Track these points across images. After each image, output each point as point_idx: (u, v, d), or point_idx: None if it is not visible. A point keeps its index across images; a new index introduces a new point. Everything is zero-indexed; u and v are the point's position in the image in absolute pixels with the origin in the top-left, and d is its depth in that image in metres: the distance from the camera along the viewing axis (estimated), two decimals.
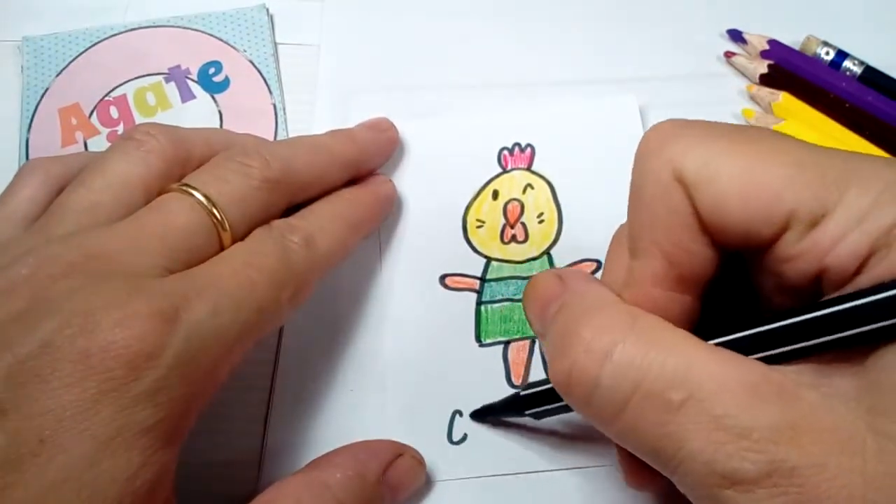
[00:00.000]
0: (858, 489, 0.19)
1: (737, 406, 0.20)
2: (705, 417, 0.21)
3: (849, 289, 0.21)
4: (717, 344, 0.23)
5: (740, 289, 0.25)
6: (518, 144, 0.39)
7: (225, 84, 0.42)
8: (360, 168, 0.36)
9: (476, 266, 0.36)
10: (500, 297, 0.35)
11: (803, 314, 0.22)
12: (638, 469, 0.26)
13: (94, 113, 0.41)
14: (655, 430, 0.21)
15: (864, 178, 0.21)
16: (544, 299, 0.25)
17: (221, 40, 0.43)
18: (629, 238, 0.25)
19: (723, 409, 0.20)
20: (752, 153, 0.22)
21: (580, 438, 0.32)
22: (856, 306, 0.21)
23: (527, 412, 0.30)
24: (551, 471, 0.32)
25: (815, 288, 0.22)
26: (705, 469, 0.20)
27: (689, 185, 0.22)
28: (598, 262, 0.36)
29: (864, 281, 0.21)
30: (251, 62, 0.42)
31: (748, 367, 0.21)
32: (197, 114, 0.41)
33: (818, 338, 0.21)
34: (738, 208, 0.22)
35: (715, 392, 0.21)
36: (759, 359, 0.22)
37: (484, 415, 0.33)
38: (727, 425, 0.20)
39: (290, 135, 0.41)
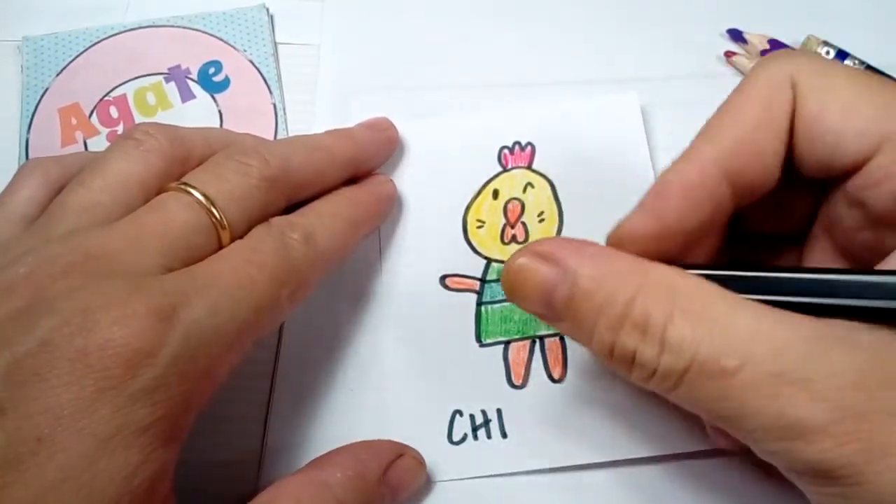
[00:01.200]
0: None
1: (796, 360, 0.21)
2: (765, 376, 0.21)
3: None
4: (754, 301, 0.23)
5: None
6: (518, 143, 0.39)
7: (225, 84, 0.42)
8: (360, 167, 0.36)
9: (476, 267, 0.36)
10: (500, 297, 0.35)
11: (871, 275, 0.22)
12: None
13: (94, 113, 0.41)
14: (714, 396, 0.22)
15: None
16: (543, 290, 0.25)
17: (221, 40, 0.43)
18: (707, 124, 0.26)
19: (782, 364, 0.21)
20: (863, 82, 0.24)
21: (580, 439, 0.32)
22: None
23: None
24: (551, 471, 0.32)
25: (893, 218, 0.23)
26: (772, 424, 0.21)
27: (799, 91, 0.24)
28: None
29: None
30: (251, 62, 0.42)
31: (800, 323, 0.22)
32: (197, 114, 0.41)
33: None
34: (838, 122, 0.23)
35: (769, 352, 0.21)
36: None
37: None
38: (789, 379, 0.21)
39: (290, 135, 0.41)
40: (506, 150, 0.39)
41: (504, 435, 0.32)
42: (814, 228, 0.28)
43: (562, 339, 0.34)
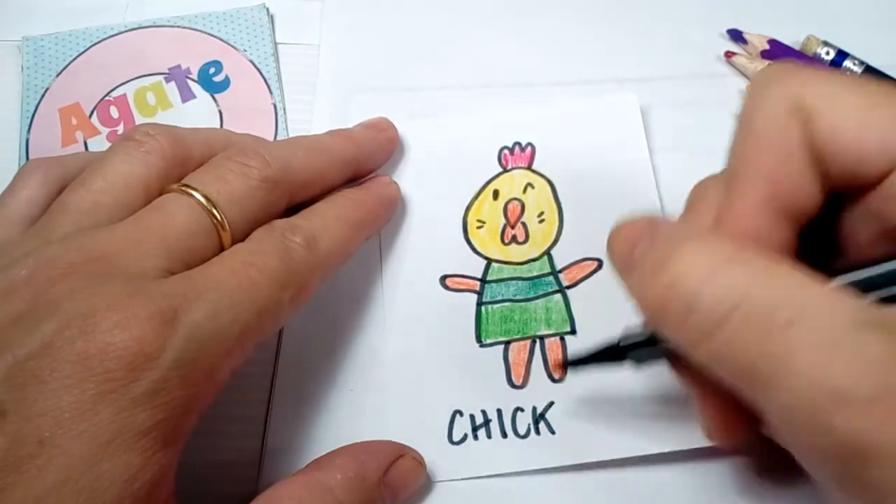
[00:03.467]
0: None
1: (854, 328, 0.20)
2: (818, 338, 0.20)
3: None
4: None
5: (825, 240, 0.25)
6: (518, 143, 0.39)
7: (225, 84, 0.42)
8: (360, 168, 0.36)
9: (476, 267, 0.36)
10: (500, 297, 0.35)
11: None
12: (722, 419, 0.26)
13: (95, 113, 0.41)
14: (758, 347, 0.21)
15: None
16: (630, 239, 0.25)
17: (221, 40, 0.43)
18: (729, 172, 0.25)
19: (838, 329, 0.20)
20: (871, 92, 0.23)
21: (580, 438, 0.32)
22: None
23: (628, 356, 0.28)
24: (551, 471, 0.32)
25: None
26: (811, 391, 0.20)
27: (809, 113, 0.23)
28: (599, 260, 0.36)
29: None
30: (251, 62, 0.42)
31: (856, 301, 0.21)
32: (197, 114, 0.41)
33: None
34: (854, 138, 0.22)
35: (827, 317, 0.20)
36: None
37: (581, 364, 0.30)
38: (842, 347, 0.20)
39: (290, 135, 0.41)
40: (506, 151, 0.39)
41: (504, 435, 0.32)
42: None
43: (562, 339, 0.34)
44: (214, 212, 0.28)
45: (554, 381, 0.33)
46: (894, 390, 0.19)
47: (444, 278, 0.36)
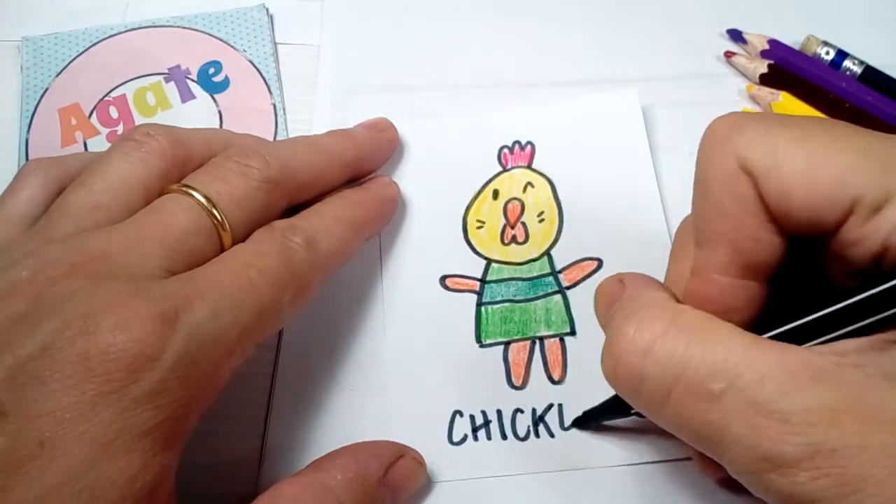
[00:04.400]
0: None
1: (776, 392, 0.21)
2: (745, 404, 0.21)
3: None
4: (770, 337, 0.23)
5: (810, 272, 0.26)
6: (518, 142, 0.39)
7: (225, 84, 0.42)
8: (360, 168, 0.36)
9: (476, 267, 0.36)
10: (500, 297, 0.35)
11: (845, 299, 0.22)
12: (706, 457, 0.27)
13: (94, 113, 0.41)
14: (699, 417, 0.22)
15: None
16: (608, 300, 0.26)
17: (221, 40, 0.43)
18: (694, 228, 0.26)
19: (762, 395, 0.21)
20: (817, 142, 0.23)
21: (580, 441, 0.32)
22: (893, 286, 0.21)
23: (632, 412, 0.29)
24: (551, 471, 0.32)
25: (879, 270, 0.23)
26: (748, 454, 0.21)
27: (755, 174, 0.23)
28: (599, 260, 0.36)
29: None
30: (251, 62, 0.42)
31: (788, 354, 0.22)
32: (197, 114, 0.41)
33: (860, 321, 0.22)
34: (804, 195, 0.23)
35: (754, 380, 0.21)
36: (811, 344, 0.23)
37: (587, 421, 0.32)
38: (767, 410, 0.21)
39: (290, 135, 0.41)
40: (506, 150, 0.39)
41: (504, 436, 0.32)
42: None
43: (562, 340, 0.34)
44: (215, 212, 0.28)
45: (554, 382, 0.33)
46: (821, 447, 0.20)
47: (443, 278, 0.36)
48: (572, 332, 0.34)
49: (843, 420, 0.20)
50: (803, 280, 0.26)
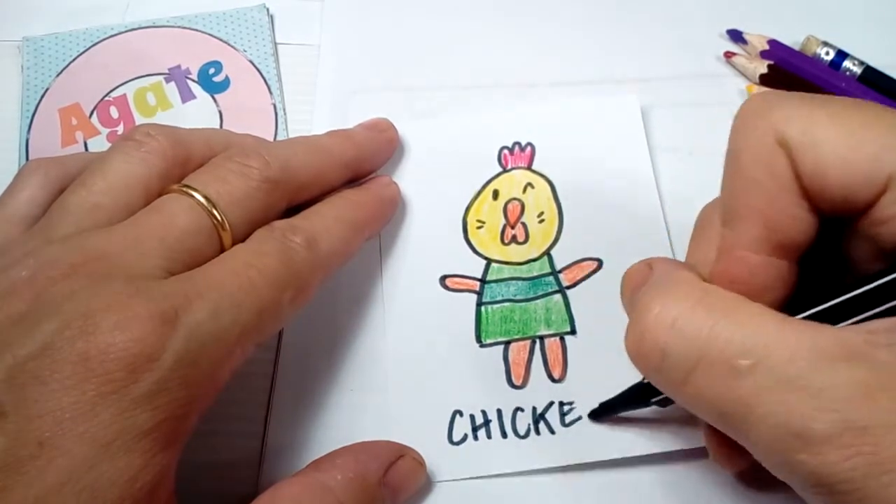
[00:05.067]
0: None
1: (807, 368, 0.21)
2: (775, 380, 0.21)
3: None
4: (802, 318, 0.23)
5: (834, 257, 0.25)
6: (518, 143, 0.39)
7: (225, 84, 0.42)
8: (360, 168, 0.36)
9: (476, 267, 0.36)
10: (500, 297, 0.35)
11: (877, 279, 0.22)
12: (724, 446, 0.27)
13: (95, 113, 0.41)
14: (723, 395, 0.22)
15: None
16: (634, 284, 0.26)
17: (221, 40, 0.43)
18: (723, 207, 0.25)
19: (793, 371, 0.21)
20: (854, 120, 0.23)
21: (580, 439, 0.32)
22: None
23: (653, 400, 0.29)
24: (552, 471, 0.32)
25: None
26: (776, 431, 0.21)
27: (792, 149, 0.23)
28: (599, 260, 0.36)
29: None
30: (251, 62, 0.42)
31: (820, 333, 0.22)
32: (197, 114, 0.41)
33: (891, 301, 0.22)
34: (839, 172, 0.23)
35: (785, 357, 0.21)
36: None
37: (604, 413, 0.32)
38: (798, 386, 0.21)
39: (290, 135, 0.41)
40: (506, 151, 0.39)
41: (504, 435, 0.32)
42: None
43: (562, 339, 0.34)
44: (215, 212, 0.28)
45: (554, 381, 0.33)
46: (851, 424, 0.20)
47: (443, 278, 0.36)
48: (572, 332, 0.34)
49: (876, 397, 0.20)
50: (825, 264, 0.26)
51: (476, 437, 0.33)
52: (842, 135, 0.23)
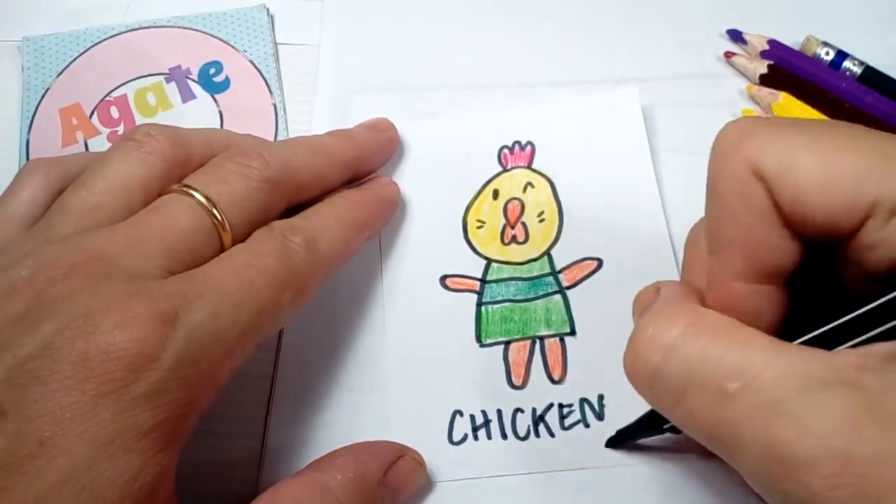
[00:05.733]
0: None
1: (794, 393, 0.21)
2: (762, 404, 0.21)
3: None
4: (798, 343, 0.23)
5: (828, 275, 0.25)
6: (518, 142, 0.39)
7: (225, 84, 0.42)
8: (360, 168, 0.36)
9: (476, 267, 0.36)
10: (500, 297, 0.35)
11: (867, 303, 0.22)
12: None
13: (95, 113, 0.41)
14: (713, 417, 0.22)
15: None
16: (642, 307, 0.27)
17: (222, 40, 0.43)
18: (707, 236, 0.25)
19: (778, 394, 0.21)
20: (831, 145, 0.23)
21: (580, 440, 0.32)
22: None
23: (665, 427, 0.29)
24: (551, 471, 0.32)
25: None
26: (762, 456, 0.21)
27: (769, 180, 0.23)
28: (599, 260, 0.36)
29: None
30: (251, 62, 0.42)
31: (808, 357, 0.21)
32: (197, 114, 0.41)
33: (882, 325, 0.22)
34: (820, 200, 0.22)
35: (771, 380, 0.21)
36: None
37: (621, 440, 0.32)
38: (783, 410, 0.20)
39: (290, 135, 0.41)
40: (506, 150, 0.39)
41: (504, 436, 0.32)
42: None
43: (562, 339, 0.34)
44: (215, 212, 0.28)
45: (554, 381, 0.33)
46: (834, 452, 0.20)
47: (443, 278, 0.36)
48: (572, 332, 0.34)
49: (863, 426, 0.20)
50: (821, 283, 0.25)
51: (476, 438, 0.33)
52: (820, 161, 0.22)
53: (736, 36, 0.42)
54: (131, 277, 0.25)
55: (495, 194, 0.38)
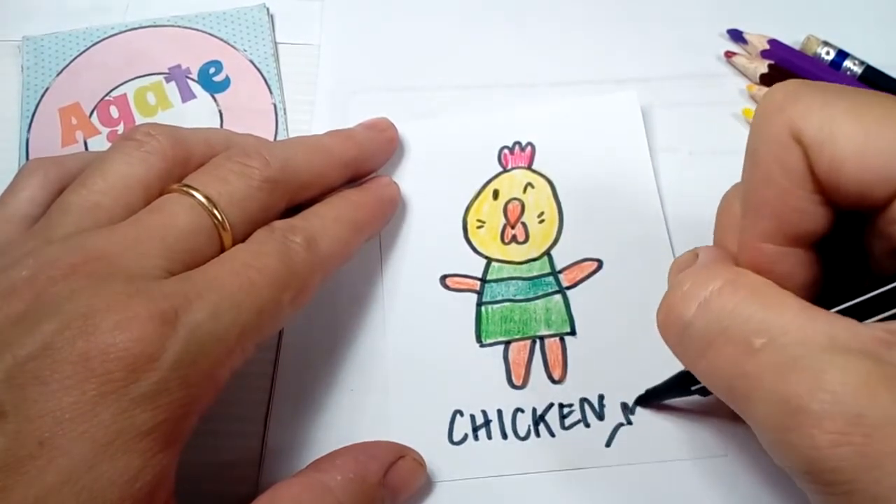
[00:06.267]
0: None
1: (816, 352, 0.21)
2: (783, 359, 0.22)
3: None
4: (834, 311, 0.23)
5: (858, 247, 0.25)
6: (518, 143, 0.39)
7: (225, 84, 0.42)
8: (360, 168, 0.36)
9: (476, 267, 0.36)
10: (500, 297, 0.35)
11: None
12: None
13: (95, 112, 0.41)
14: (735, 369, 0.23)
15: None
16: (679, 268, 0.27)
17: (222, 40, 0.43)
18: (743, 198, 0.26)
19: (801, 352, 0.21)
20: (871, 116, 0.23)
21: (581, 440, 0.32)
22: None
23: (693, 388, 0.30)
24: (551, 471, 0.32)
25: None
26: (774, 408, 0.21)
27: (807, 146, 0.23)
28: (599, 261, 0.36)
29: None
30: (251, 62, 0.42)
31: (836, 323, 0.22)
32: (197, 114, 0.41)
33: None
34: (854, 170, 0.22)
35: (796, 339, 0.22)
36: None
37: (650, 399, 0.32)
38: (803, 366, 0.21)
39: (290, 135, 0.41)
40: (506, 150, 0.39)
41: (504, 436, 0.32)
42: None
43: (562, 339, 0.34)
44: (215, 212, 0.28)
45: (554, 381, 0.33)
46: (845, 409, 0.20)
47: (444, 278, 0.36)
48: (572, 332, 0.34)
49: (877, 391, 0.20)
50: (850, 253, 0.26)
51: (476, 438, 0.33)
52: (859, 131, 0.22)
53: (736, 35, 0.42)
54: (131, 277, 0.25)
55: (495, 194, 0.38)
